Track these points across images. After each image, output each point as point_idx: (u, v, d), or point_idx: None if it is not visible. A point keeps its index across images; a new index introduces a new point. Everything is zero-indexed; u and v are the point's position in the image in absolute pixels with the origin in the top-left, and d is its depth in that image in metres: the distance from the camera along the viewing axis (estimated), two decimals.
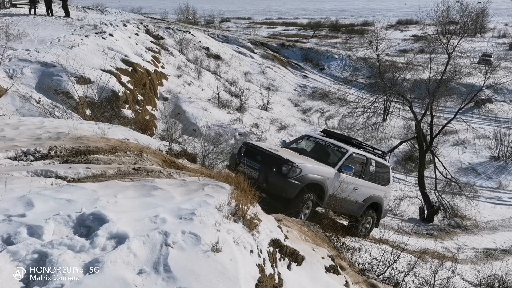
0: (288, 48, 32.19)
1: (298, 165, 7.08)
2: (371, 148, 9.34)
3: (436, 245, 10.41)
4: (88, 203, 3.13)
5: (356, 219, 8.55)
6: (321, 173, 7.48)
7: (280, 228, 4.48)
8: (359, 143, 8.98)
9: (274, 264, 3.58)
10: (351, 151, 8.27)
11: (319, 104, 24.05)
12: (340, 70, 29.32)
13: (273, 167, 7.14)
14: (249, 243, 3.21)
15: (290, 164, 7.04)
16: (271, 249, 3.67)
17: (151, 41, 22.45)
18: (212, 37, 29.94)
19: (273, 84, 25.26)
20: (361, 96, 18.04)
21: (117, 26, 21.17)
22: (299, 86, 26.62)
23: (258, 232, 3.55)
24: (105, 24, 20.31)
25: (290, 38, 38.26)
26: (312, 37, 40.18)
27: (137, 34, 22.12)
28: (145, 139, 7.79)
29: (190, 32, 27.83)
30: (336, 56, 30.44)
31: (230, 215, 3.40)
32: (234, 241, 3.06)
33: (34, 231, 2.61)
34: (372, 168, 8.85)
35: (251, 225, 3.51)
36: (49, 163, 4.82)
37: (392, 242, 8.55)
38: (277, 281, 3.45)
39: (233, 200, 3.64)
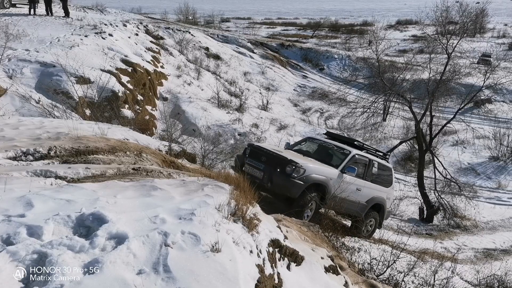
0: (288, 48, 32.20)
1: (302, 166, 7.19)
2: (374, 150, 9.44)
3: (436, 245, 10.42)
4: (88, 203, 3.13)
5: (359, 220, 8.60)
6: (325, 174, 7.59)
7: (280, 228, 4.48)
8: (362, 145, 9.07)
9: (274, 264, 3.58)
10: (354, 153, 8.38)
11: (319, 104, 24.06)
12: (340, 70, 29.33)
13: (277, 168, 7.26)
14: (249, 243, 3.21)
15: (294, 165, 7.15)
16: (271, 249, 3.68)
17: (151, 41, 22.45)
18: (212, 37, 29.94)
19: (273, 84, 25.27)
20: (361, 96, 18.06)
21: (117, 26, 21.17)
22: (299, 86, 26.62)
23: (258, 232, 3.55)
24: (105, 24, 20.31)
25: (290, 38, 38.27)
26: (312, 37, 40.19)
27: (137, 34, 22.12)
28: (145, 139, 7.79)
29: (190, 32, 27.83)
30: (336, 56, 30.45)
31: (230, 215, 3.40)
32: (234, 241, 3.06)
33: (34, 231, 2.61)
34: (375, 170, 8.93)
35: (251, 225, 3.51)
36: (49, 163, 4.82)
37: (392, 242, 8.57)
38: (277, 281, 3.45)
39: (233, 200, 3.65)
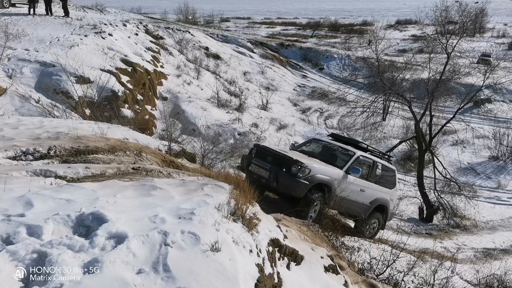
0: (288, 48, 32.19)
1: (307, 166, 7.31)
2: (378, 152, 9.57)
3: (436, 245, 10.42)
4: (88, 203, 3.13)
5: (362, 221, 8.67)
6: (329, 174, 7.69)
7: (279, 228, 4.48)
8: (366, 147, 9.21)
9: (273, 264, 3.59)
10: (358, 154, 8.50)
11: (318, 104, 24.06)
12: (339, 70, 29.33)
13: (283, 167, 7.38)
14: (248, 243, 3.21)
15: (300, 165, 7.26)
16: (270, 249, 3.68)
17: (151, 41, 22.45)
18: (212, 37, 29.93)
19: (273, 84, 25.26)
20: (360, 96, 18.06)
21: (117, 26, 21.16)
22: (298, 86, 26.62)
23: (257, 232, 3.55)
24: (105, 24, 20.30)
25: (290, 38, 38.26)
26: (312, 37, 40.18)
27: (137, 34, 22.12)
28: (145, 139, 7.78)
29: (190, 32, 27.83)
30: (336, 56, 30.45)
31: (229, 215, 3.40)
32: (233, 241, 3.06)
33: (34, 231, 2.61)
34: (379, 171, 9.05)
35: (250, 225, 3.51)
36: (49, 163, 4.82)
37: (392, 242, 8.58)
38: (276, 281, 3.45)
39: (233, 200, 3.64)
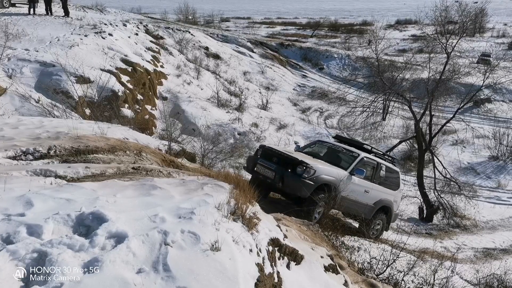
0: (288, 48, 32.18)
1: (312, 166, 7.43)
2: (382, 153, 9.67)
3: (436, 245, 10.43)
4: (88, 203, 3.13)
5: (363, 220, 8.74)
6: (334, 175, 7.79)
7: (279, 227, 4.48)
8: (370, 148, 9.30)
9: (273, 263, 3.59)
10: (363, 155, 8.61)
11: (318, 104, 24.06)
12: (339, 70, 29.33)
13: (289, 168, 7.52)
14: (248, 242, 3.21)
15: (305, 165, 7.40)
16: (270, 248, 3.68)
17: (151, 41, 22.45)
18: (212, 37, 29.93)
19: (272, 84, 25.26)
20: (360, 96, 18.07)
21: (117, 26, 21.16)
22: (298, 86, 26.62)
23: (257, 231, 3.55)
24: (105, 24, 20.30)
25: (289, 38, 38.25)
26: (311, 37, 40.18)
27: (137, 34, 22.12)
28: (145, 139, 7.78)
29: (190, 32, 27.83)
30: (335, 56, 30.45)
31: (229, 214, 3.40)
32: (233, 240, 3.07)
33: (34, 231, 2.61)
34: (383, 173, 9.13)
35: (250, 224, 3.52)
36: (49, 163, 4.82)
37: (392, 242, 8.59)
38: (276, 280, 3.45)
39: (232, 199, 3.64)
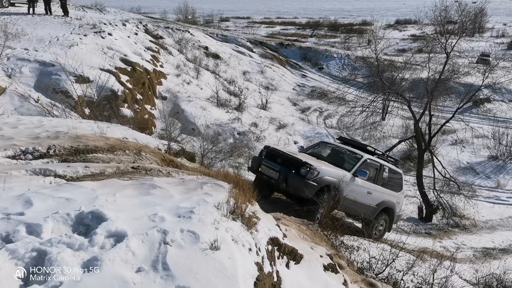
0: (287, 48, 32.19)
1: (316, 168, 7.52)
2: (385, 155, 9.75)
3: (435, 244, 10.44)
4: (87, 202, 3.14)
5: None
6: (337, 176, 7.85)
7: (279, 227, 4.49)
8: (374, 150, 9.37)
9: (273, 262, 3.59)
10: (366, 157, 8.68)
11: (318, 103, 24.07)
12: (339, 70, 29.34)
13: (293, 169, 7.62)
14: (248, 241, 3.21)
15: (309, 167, 7.50)
16: (270, 248, 3.68)
17: (150, 41, 22.44)
18: (211, 37, 29.93)
19: (272, 83, 25.26)
20: (360, 95, 18.06)
21: (116, 26, 21.15)
22: (298, 85, 26.63)
23: (257, 231, 3.55)
24: (104, 24, 20.29)
25: (289, 38, 38.26)
26: (311, 37, 40.19)
27: (136, 34, 22.11)
28: (144, 138, 7.78)
29: (189, 32, 27.82)
30: (335, 56, 30.46)
31: (229, 214, 3.40)
32: (233, 239, 3.07)
33: (33, 230, 2.61)
34: (386, 174, 9.19)
35: (250, 224, 3.52)
36: (48, 162, 4.82)
37: (391, 241, 8.60)
38: (276, 279, 3.45)
39: (232, 199, 3.65)
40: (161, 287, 2.39)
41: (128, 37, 20.07)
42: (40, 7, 20.11)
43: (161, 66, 20.17)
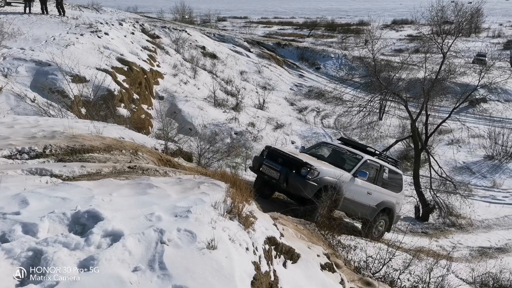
0: (284, 47, 32.21)
1: (316, 168, 7.63)
2: (385, 156, 9.82)
3: (431, 244, 10.47)
4: (83, 201, 3.13)
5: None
6: (337, 177, 7.91)
7: (276, 226, 4.49)
8: (374, 151, 9.45)
9: (270, 262, 3.59)
10: (366, 158, 8.76)
11: (315, 103, 24.10)
12: (336, 69, 29.39)
13: (293, 169, 7.73)
14: (245, 241, 3.21)
15: (309, 167, 7.61)
16: (267, 247, 3.68)
17: (147, 40, 22.41)
18: (208, 36, 29.91)
19: (269, 83, 25.27)
20: (357, 95, 18.08)
21: (113, 25, 21.10)
22: (295, 85, 26.65)
23: (254, 230, 3.55)
24: (101, 23, 20.24)
25: (286, 37, 38.30)
26: (308, 37, 40.24)
27: (133, 33, 22.07)
28: (141, 138, 7.77)
29: (186, 31, 27.79)
30: (332, 56, 30.50)
31: (226, 213, 3.40)
32: (230, 239, 3.07)
33: (29, 229, 2.60)
34: (385, 175, 9.26)
35: (247, 223, 3.52)
36: (44, 162, 4.80)
37: (388, 241, 8.62)
38: (273, 279, 3.45)
39: (229, 198, 3.64)
40: (158, 287, 2.39)
41: (125, 37, 20.03)
42: (37, 7, 20.04)
43: (158, 66, 20.14)
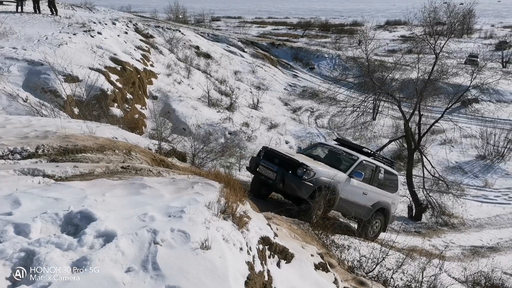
0: (278, 47, 32.27)
1: (312, 169, 7.66)
2: (381, 157, 9.88)
3: (424, 243, 10.55)
4: (76, 202, 3.11)
5: (365, 223, 8.92)
6: (333, 177, 7.94)
7: (270, 226, 4.49)
8: (370, 152, 9.51)
9: (264, 262, 3.59)
10: (362, 159, 8.82)
11: (309, 103, 24.16)
12: (330, 70, 29.49)
13: (290, 169, 7.75)
14: (239, 241, 3.21)
15: (305, 167, 7.63)
16: (261, 247, 3.68)
17: (141, 40, 22.31)
18: (202, 36, 29.86)
19: (263, 83, 25.29)
20: (351, 95, 18.16)
21: (106, 25, 20.98)
22: (289, 85, 26.69)
23: (248, 230, 3.55)
24: (94, 22, 20.11)
25: (280, 38, 38.35)
26: (302, 37, 40.32)
27: (126, 33, 21.96)
28: (134, 138, 7.73)
29: (180, 31, 27.72)
30: (326, 56, 30.61)
31: (220, 213, 3.40)
32: (224, 239, 3.06)
33: (21, 230, 2.58)
34: (381, 176, 9.32)
35: (241, 223, 3.52)
36: (36, 162, 4.76)
37: (381, 240, 8.67)
38: (266, 278, 3.46)
39: (223, 198, 3.64)
40: (151, 287, 2.38)
41: (118, 36, 19.93)
42: (29, 6, 19.86)
43: (152, 66, 20.07)
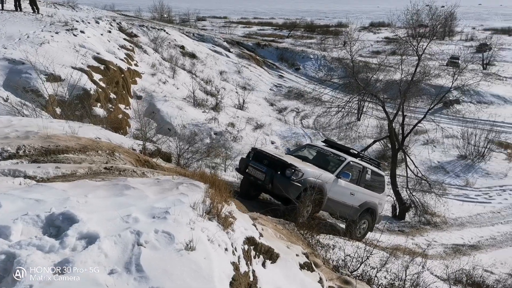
0: (264, 48, 32.32)
1: (300, 169, 7.80)
2: (368, 158, 10.09)
3: (407, 242, 10.71)
4: (58, 203, 3.06)
5: (352, 223, 9.09)
6: (321, 178, 8.07)
7: (255, 226, 4.50)
8: (357, 153, 9.72)
9: (249, 262, 3.60)
10: (349, 160, 8.99)
11: (295, 104, 24.27)
12: (315, 70, 29.69)
13: (278, 170, 7.89)
14: (224, 241, 3.21)
15: (294, 168, 7.78)
16: (246, 247, 3.69)
17: (124, 39, 22.07)
18: (188, 36, 29.71)
19: (249, 84, 25.30)
20: (336, 96, 18.31)
21: (89, 23, 20.69)
22: (275, 86, 26.77)
23: (233, 230, 3.55)
24: (77, 21, 19.80)
25: (266, 38, 38.44)
26: (288, 37, 40.49)
27: (110, 32, 21.69)
28: (118, 138, 7.63)
29: (165, 30, 27.53)
30: (311, 56, 30.81)
31: (205, 214, 3.39)
32: (209, 239, 3.05)
33: (1, 232, 2.53)
34: (368, 176, 9.51)
35: (226, 223, 3.51)
36: (17, 163, 4.67)
37: (365, 239, 8.76)
38: (252, 279, 3.46)
39: (208, 199, 3.63)
40: None
41: (101, 35, 19.67)
42: (10, 3, 19.44)
43: (136, 65, 19.86)
